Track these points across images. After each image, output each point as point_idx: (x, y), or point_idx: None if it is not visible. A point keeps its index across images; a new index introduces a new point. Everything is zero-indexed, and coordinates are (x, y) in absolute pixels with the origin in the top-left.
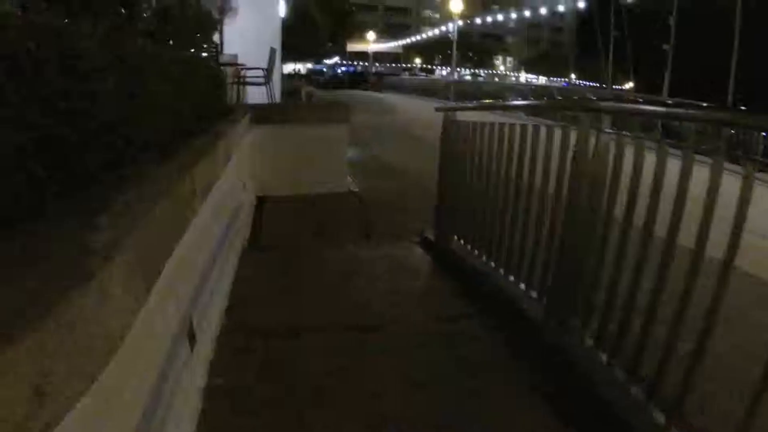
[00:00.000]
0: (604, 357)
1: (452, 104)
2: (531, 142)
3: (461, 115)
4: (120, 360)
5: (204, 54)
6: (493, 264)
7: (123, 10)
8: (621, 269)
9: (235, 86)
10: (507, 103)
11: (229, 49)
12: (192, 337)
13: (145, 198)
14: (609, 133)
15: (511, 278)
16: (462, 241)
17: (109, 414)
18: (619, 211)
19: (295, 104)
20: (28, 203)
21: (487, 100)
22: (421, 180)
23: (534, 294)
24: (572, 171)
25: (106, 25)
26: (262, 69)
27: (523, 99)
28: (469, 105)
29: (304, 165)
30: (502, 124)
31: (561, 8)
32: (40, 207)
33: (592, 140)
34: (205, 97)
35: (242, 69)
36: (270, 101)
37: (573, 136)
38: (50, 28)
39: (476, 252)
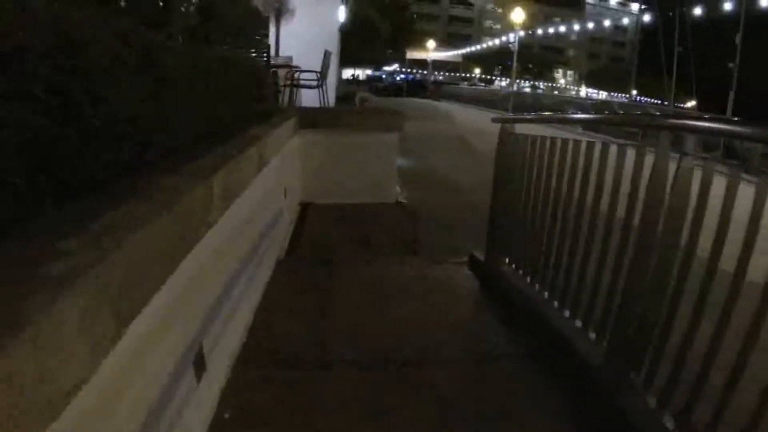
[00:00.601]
0: (670, 424)
1: (510, 115)
2: (599, 161)
3: (520, 128)
4: (74, 415)
5: (252, 53)
6: (546, 294)
7: (161, 4)
8: (701, 318)
9: (287, 89)
10: (571, 115)
11: (285, 51)
12: (200, 366)
13: (143, 210)
14: (692, 156)
15: (566, 313)
16: (513, 265)
17: None
18: (702, 248)
19: (346, 109)
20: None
21: (546, 113)
22: (475, 194)
23: (592, 335)
24: (647, 198)
25: (131, 20)
26: (315, 72)
27: (584, 113)
28: (528, 116)
29: (351, 172)
30: (565, 140)
31: (626, 21)
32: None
33: (672, 164)
34: (245, 97)
35: (296, 71)
36: (323, 105)
37: (646, 158)
38: (46, 23)
39: (528, 278)
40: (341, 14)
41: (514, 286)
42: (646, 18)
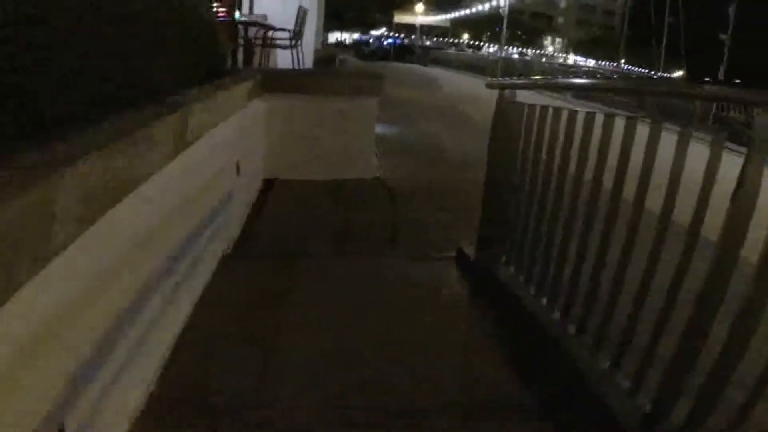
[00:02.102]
0: None
1: (511, 80)
2: (647, 148)
3: (520, 96)
4: None
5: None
6: (557, 314)
7: None
8: None
9: (258, 48)
10: (592, 81)
11: (260, 10)
12: None
13: None
14: None
15: (588, 341)
16: (512, 268)
17: None
18: None
19: (319, 71)
20: None
21: (537, 78)
22: (466, 171)
23: (625, 383)
24: (730, 211)
25: None
26: (288, 30)
27: (577, 79)
28: (533, 81)
29: (323, 143)
30: (590, 113)
31: None
32: None
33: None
34: (187, 55)
35: (269, 30)
36: (296, 67)
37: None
38: None
39: (532, 290)
40: None
41: (514, 295)
42: None
